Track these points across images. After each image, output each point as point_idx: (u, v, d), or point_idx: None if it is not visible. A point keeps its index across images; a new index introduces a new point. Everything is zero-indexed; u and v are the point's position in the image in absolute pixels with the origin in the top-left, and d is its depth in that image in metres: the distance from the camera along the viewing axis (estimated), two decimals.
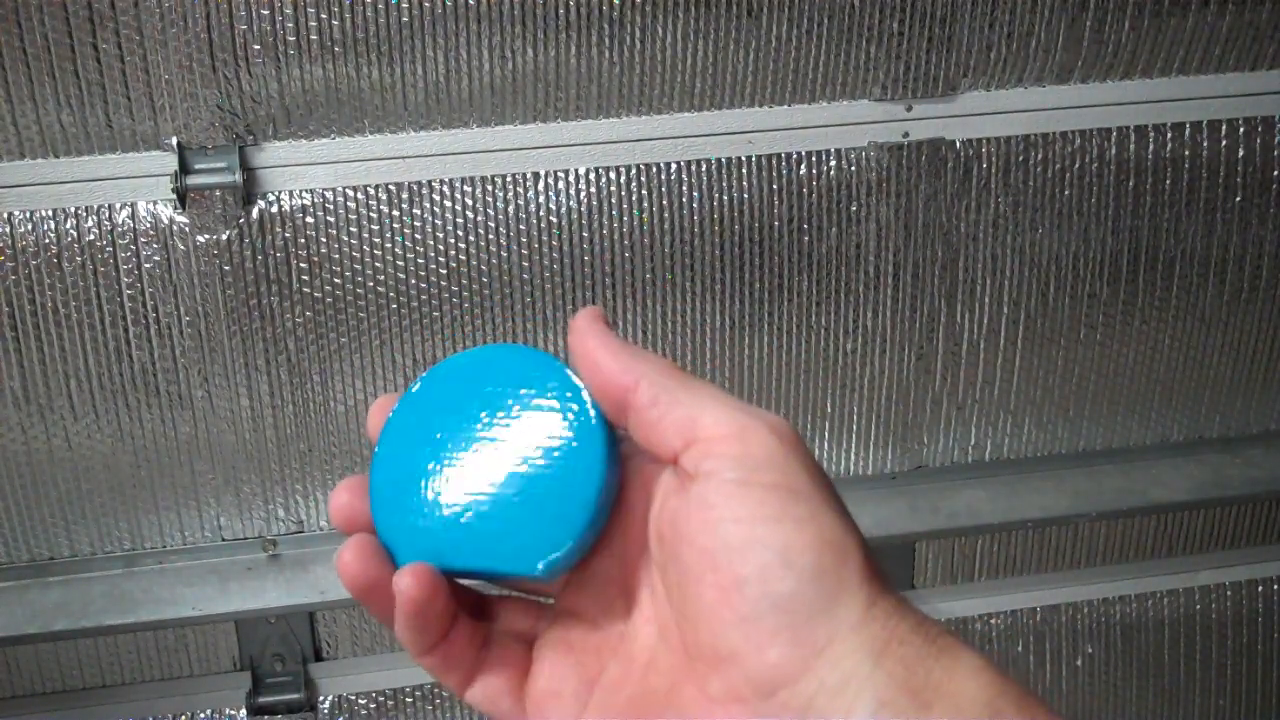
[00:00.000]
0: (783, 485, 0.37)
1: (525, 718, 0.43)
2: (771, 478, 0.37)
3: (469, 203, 1.16)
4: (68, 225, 1.11)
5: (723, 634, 0.37)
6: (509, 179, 1.16)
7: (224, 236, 1.13)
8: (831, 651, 0.36)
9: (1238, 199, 1.29)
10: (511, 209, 1.17)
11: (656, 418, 0.40)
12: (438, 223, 1.16)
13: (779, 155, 1.19)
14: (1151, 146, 1.25)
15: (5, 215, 1.10)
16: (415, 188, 1.15)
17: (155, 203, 1.11)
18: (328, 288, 1.16)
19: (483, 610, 0.45)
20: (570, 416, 0.42)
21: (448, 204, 1.16)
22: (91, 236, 1.11)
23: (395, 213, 1.15)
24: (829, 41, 1.15)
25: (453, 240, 1.17)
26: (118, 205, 1.11)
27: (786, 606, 0.36)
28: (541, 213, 1.17)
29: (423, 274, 1.17)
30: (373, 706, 1.37)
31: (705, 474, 0.38)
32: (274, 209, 1.13)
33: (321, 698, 1.35)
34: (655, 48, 1.13)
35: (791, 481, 0.38)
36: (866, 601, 0.36)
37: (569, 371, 0.42)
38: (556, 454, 0.41)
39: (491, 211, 1.16)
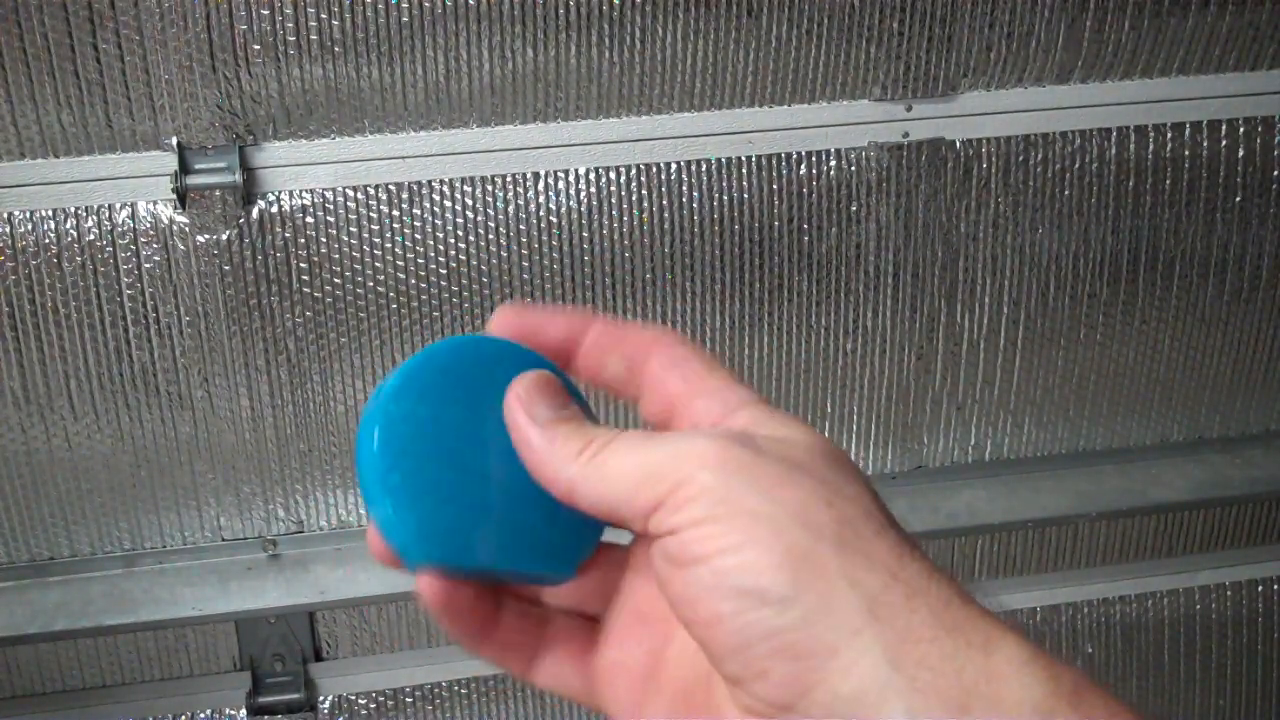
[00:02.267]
0: (737, 513, 0.35)
1: (595, 693, 0.42)
2: (716, 508, 0.35)
3: (469, 203, 1.16)
4: (68, 225, 1.11)
5: (722, 665, 0.36)
6: (509, 179, 1.16)
7: (224, 236, 1.13)
8: (839, 660, 0.34)
9: (1238, 199, 1.29)
10: (511, 209, 1.17)
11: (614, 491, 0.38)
12: (438, 223, 1.16)
13: (779, 155, 1.19)
14: (1151, 146, 1.25)
15: (5, 215, 1.10)
16: (415, 188, 1.15)
17: (155, 203, 1.11)
18: (328, 288, 1.16)
19: (531, 590, 0.44)
20: None
21: (448, 204, 1.16)
22: (91, 236, 1.11)
23: (395, 213, 1.15)
24: (829, 41, 1.15)
25: (453, 240, 1.16)
26: (118, 205, 1.11)
27: (772, 630, 0.34)
28: (541, 213, 1.17)
29: (423, 274, 1.17)
30: (373, 706, 1.37)
31: (654, 532, 0.37)
32: (274, 209, 1.13)
33: (321, 698, 1.35)
34: (655, 48, 1.13)
35: (736, 503, 0.35)
36: (865, 600, 0.34)
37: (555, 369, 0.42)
38: None
39: (491, 211, 1.16)
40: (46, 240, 1.11)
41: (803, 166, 1.20)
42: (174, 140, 1.09)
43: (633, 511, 0.37)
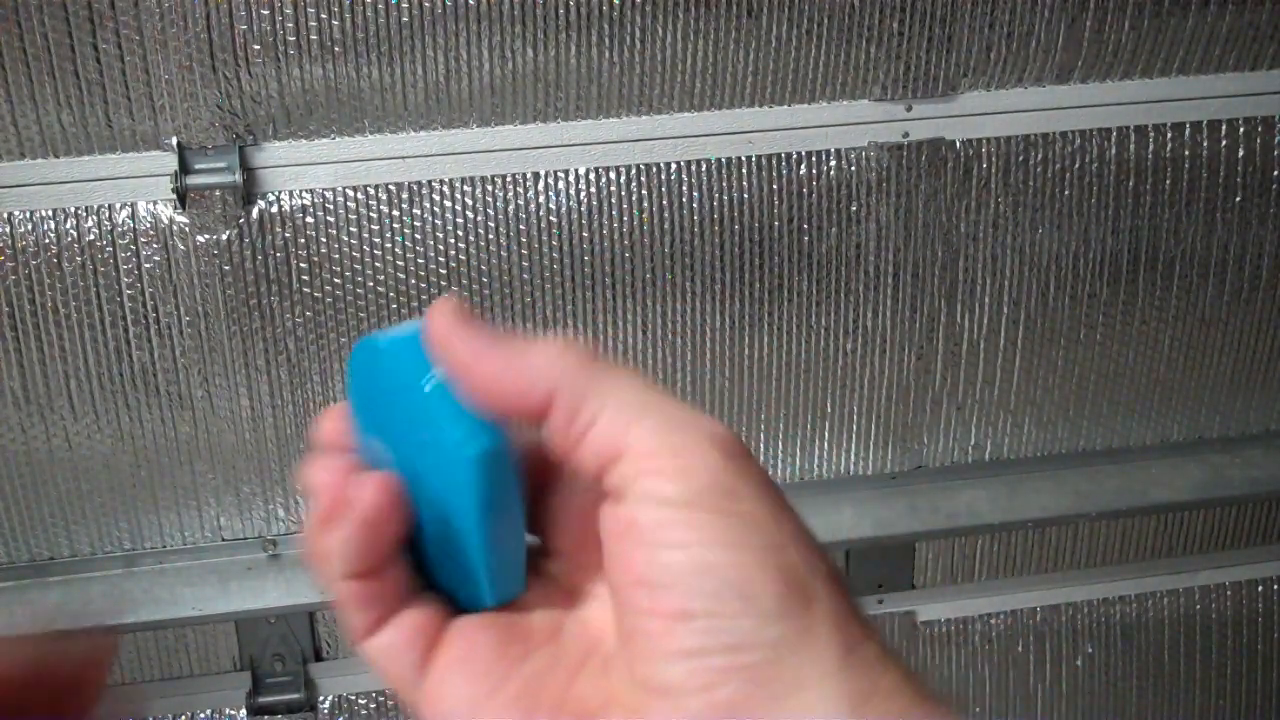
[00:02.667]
0: (734, 511, 0.33)
1: (422, 684, 0.37)
2: (721, 502, 0.33)
3: (469, 203, 1.16)
4: (68, 225, 1.11)
5: (665, 668, 0.32)
6: (509, 179, 1.16)
7: (224, 236, 1.13)
8: (801, 698, 0.31)
9: (1238, 199, 1.29)
10: (511, 209, 1.17)
11: (577, 435, 0.35)
12: (438, 223, 1.16)
13: (779, 155, 1.19)
14: (1151, 146, 1.25)
15: (5, 215, 1.10)
16: (415, 188, 1.15)
17: (155, 203, 1.11)
18: (328, 288, 1.16)
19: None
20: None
21: (448, 204, 1.16)
22: (91, 236, 1.11)
23: (395, 213, 1.15)
24: (829, 41, 1.15)
25: (453, 240, 1.16)
26: (118, 205, 1.11)
27: (742, 645, 0.32)
28: (541, 213, 1.17)
29: (423, 274, 1.17)
30: (373, 707, 1.37)
31: (637, 496, 0.33)
32: (274, 209, 1.13)
33: (321, 698, 1.35)
34: (655, 48, 1.13)
35: (747, 508, 0.33)
36: (842, 647, 0.32)
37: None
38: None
39: (491, 211, 1.16)
40: (46, 240, 1.11)
41: (803, 166, 1.20)
42: (174, 140, 1.09)
43: (620, 447, 0.34)
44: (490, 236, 1.17)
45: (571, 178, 1.17)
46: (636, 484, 0.33)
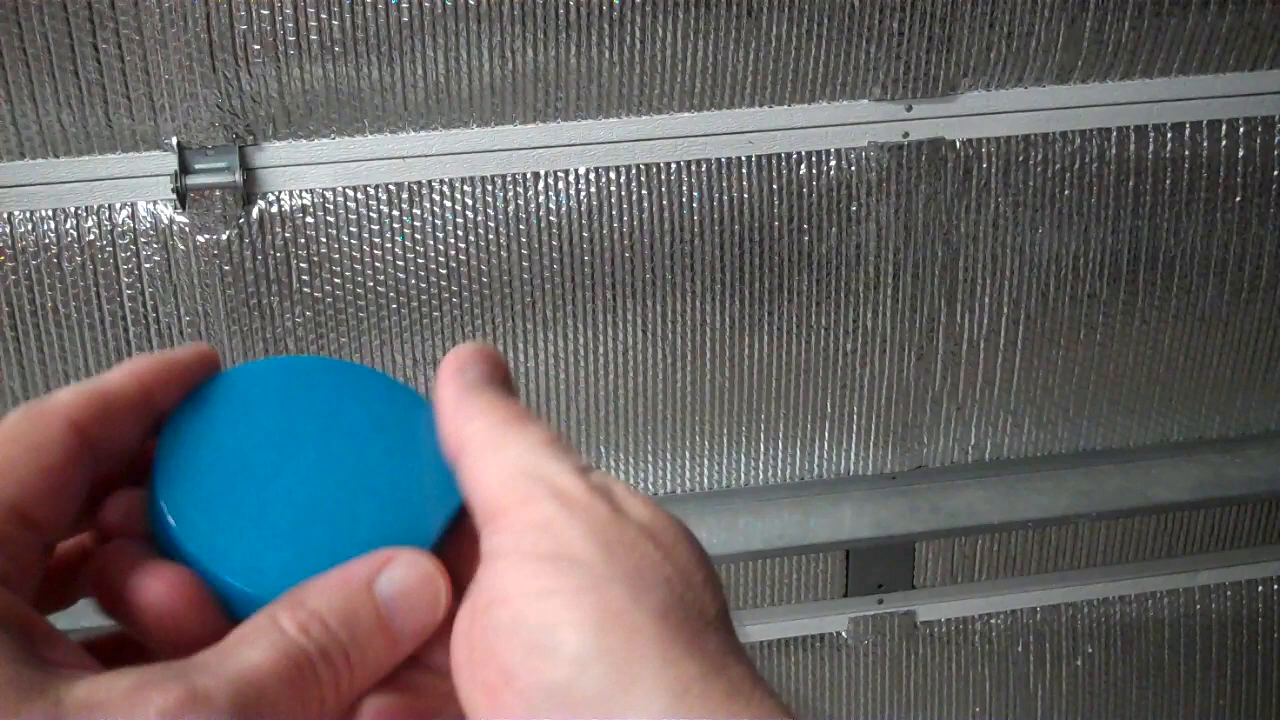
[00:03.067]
0: (555, 554, 0.31)
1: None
2: (547, 546, 0.31)
3: (469, 203, 1.16)
4: (68, 225, 1.11)
5: None
6: (509, 179, 1.16)
7: (224, 236, 1.13)
8: None
9: (1238, 199, 1.29)
10: (511, 209, 1.17)
11: (470, 491, 0.34)
12: (438, 223, 1.16)
13: (779, 155, 1.19)
14: (1151, 146, 1.25)
15: (5, 215, 1.10)
16: (415, 188, 1.15)
17: (155, 203, 1.11)
18: (328, 288, 1.16)
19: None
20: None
21: (448, 204, 1.16)
22: (91, 236, 1.11)
23: (395, 213, 1.15)
24: (829, 41, 1.15)
25: (453, 240, 1.17)
26: (118, 205, 1.11)
27: (563, 696, 0.29)
28: (541, 213, 1.17)
29: (423, 274, 1.17)
30: None
31: (487, 555, 0.32)
32: (274, 209, 1.13)
33: None
34: (655, 48, 1.13)
35: (567, 548, 0.31)
36: (675, 687, 0.29)
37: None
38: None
39: (491, 211, 1.16)
40: (46, 240, 1.11)
41: (803, 166, 1.20)
42: (174, 140, 1.09)
43: (487, 509, 0.33)
44: (490, 236, 1.17)
45: (571, 178, 1.17)
46: (489, 543, 0.32)
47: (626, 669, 0.29)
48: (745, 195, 1.20)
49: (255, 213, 1.13)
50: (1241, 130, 1.26)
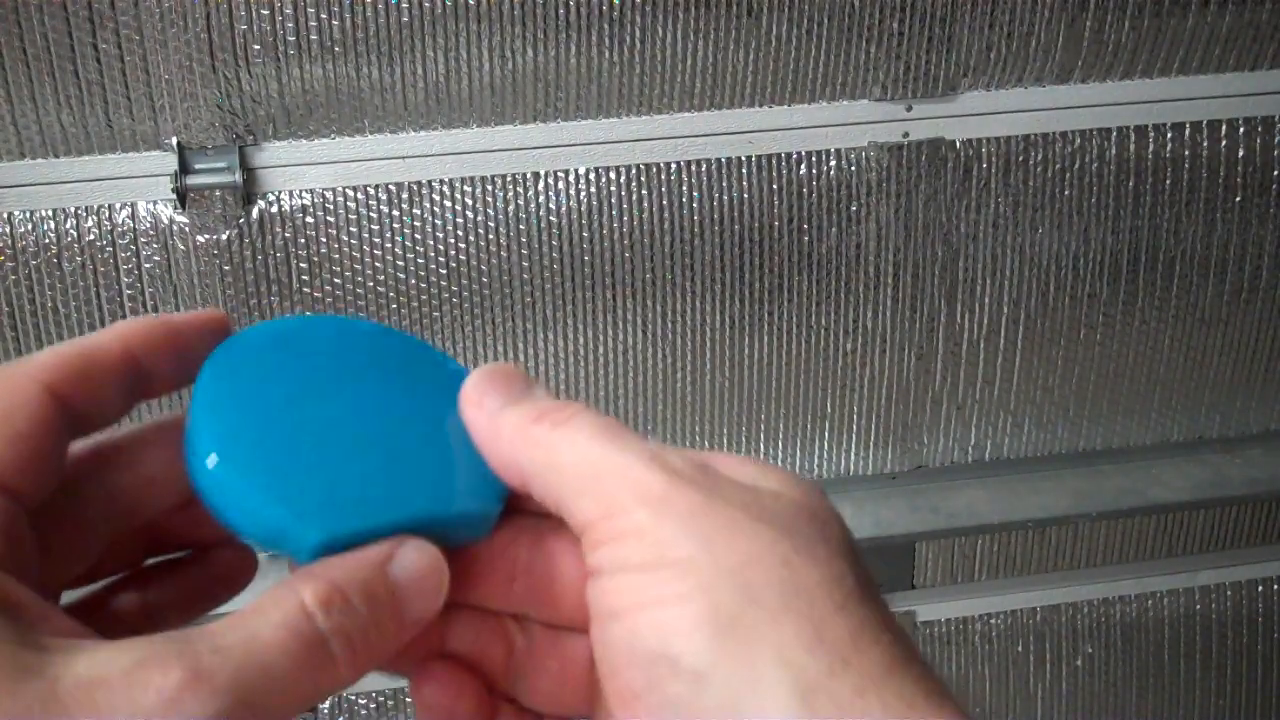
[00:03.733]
0: (656, 561, 0.29)
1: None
2: (645, 554, 0.30)
3: (469, 203, 1.16)
4: (68, 225, 1.11)
5: None
6: (509, 179, 1.16)
7: (224, 236, 1.13)
8: None
9: (1238, 199, 1.29)
10: (511, 209, 1.17)
11: (547, 504, 0.33)
12: (438, 223, 1.16)
13: (779, 155, 1.19)
14: (1151, 146, 1.25)
15: (5, 215, 1.10)
16: (415, 188, 1.15)
17: (155, 203, 1.11)
18: (328, 288, 1.16)
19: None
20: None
21: (448, 204, 1.16)
22: (91, 236, 1.11)
23: (395, 213, 1.15)
24: (829, 41, 1.15)
25: (453, 240, 1.17)
26: (118, 205, 1.11)
27: (690, 710, 0.28)
28: (541, 213, 1.17)
29: (423, 274, 1.17)
30: (373, 707, 1.37)
31: (592, 570, 0.31)
32: (274, 209, 1.13)
33: None
34: (655, 48, 1.13)
35: (667, 552, 0.29)
36: (798, 688, 0.28)
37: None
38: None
39: (491, 211, 1.16)
40: (46, 240, 1.11)
41: (803, 166, 1.20)
42: (174, 140, 1.09)
43: (574, 521, 0.32)
44: (490, 236, 1.17)
45: (571, 178, 1.17)
46: (590, 557, 0.31)
47: (747, 675, 0.28)
48: (745, 195, 1.20)
49: (255, 213, 1.13)
50: (1241, 130, 1.26)
